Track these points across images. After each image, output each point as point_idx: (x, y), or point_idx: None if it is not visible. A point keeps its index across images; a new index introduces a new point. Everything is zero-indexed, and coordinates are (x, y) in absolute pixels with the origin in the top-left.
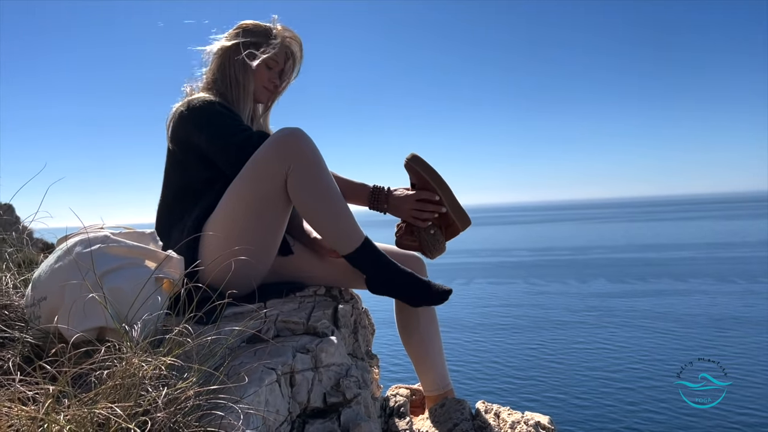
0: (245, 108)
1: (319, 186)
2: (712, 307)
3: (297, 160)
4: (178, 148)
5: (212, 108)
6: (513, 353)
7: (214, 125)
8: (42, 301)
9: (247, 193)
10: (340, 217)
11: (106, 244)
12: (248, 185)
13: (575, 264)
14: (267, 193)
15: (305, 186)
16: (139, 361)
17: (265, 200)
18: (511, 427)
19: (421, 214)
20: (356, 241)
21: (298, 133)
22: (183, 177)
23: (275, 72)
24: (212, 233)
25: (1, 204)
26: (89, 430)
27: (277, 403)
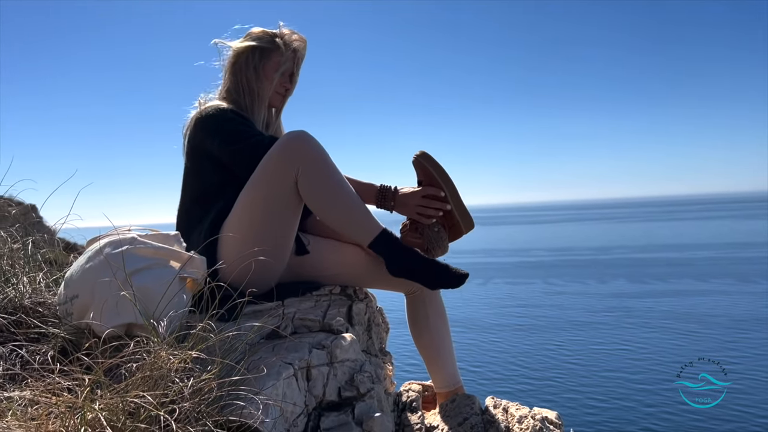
0: (259, 114)
1: (330, 183)
2: (734, 308)
3: (305, 162)
4: (194, 154)
5: (224, 115)
6: (531, 354)
7: (226, 131)
8: (74, 299)
9: (259, 196)
10: (353, 210)
11: (133, 246)
12: (259, 188)
13: (595, 264)
14: (277, 195)
15: (316, 185)
16: (166, 354)
17: (276, 202)
18: (518, 422)
19: (426, 210)
20: (375, 230)
21: (304, 136)
22: (199, 182)
23: (286, 76)
24: (230, 235)
25: (25, 204)
26: (121, 417)
27: (294, 396)
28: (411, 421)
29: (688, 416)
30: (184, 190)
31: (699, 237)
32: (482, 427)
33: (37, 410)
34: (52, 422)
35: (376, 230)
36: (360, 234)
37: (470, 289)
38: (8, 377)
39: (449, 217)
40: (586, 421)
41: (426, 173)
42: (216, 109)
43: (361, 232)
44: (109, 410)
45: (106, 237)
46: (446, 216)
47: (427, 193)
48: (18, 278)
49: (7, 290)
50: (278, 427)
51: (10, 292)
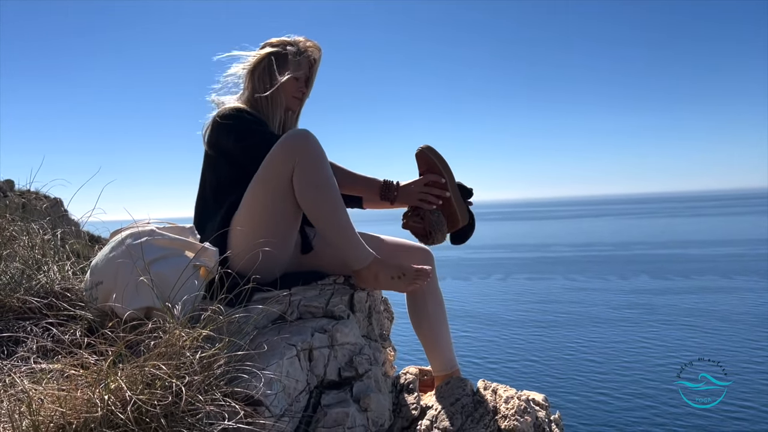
0: (275, 117)
1: (319, 178)
2: (760, 306)
3: (301, 157)
4: (211, 151)
5: (240, 115)
6: (550, 350)
7: (240, 129)
8: (99, 285)
9: (261, 190)
10: (344, 229)
11: (152, 237)
12: (262, 183)
13: (616, 260)
14: (277, 188)
15: (306, 179)
16: (179, 332)
17: (276, 196)
18: (505, 402)
19: (428, 196)
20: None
21: (304, 134)
22: (215, 177)
23: (302, 81)
24: (239, 228)
25: (52, 199)
26: (139, 386)
27: (297, 374)
28: (407, 402)
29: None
30: (201, 184)
31: (723, 233)
32: (472, 407)
33: (68, 381)
34: (81, 391)
35: (367, 259)
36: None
37: (490, 285)
38: (42, 352)
39: (448, 206)
40: (606, 421)
41: (429, 162)
42: (233, 109)
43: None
44: (130, 381)
45: (127, 229)
46: (445, 205)
47: (429, 180)
48: (48, 266)
49: (39, 277)
50: (281, 401)
51: (42, 278)
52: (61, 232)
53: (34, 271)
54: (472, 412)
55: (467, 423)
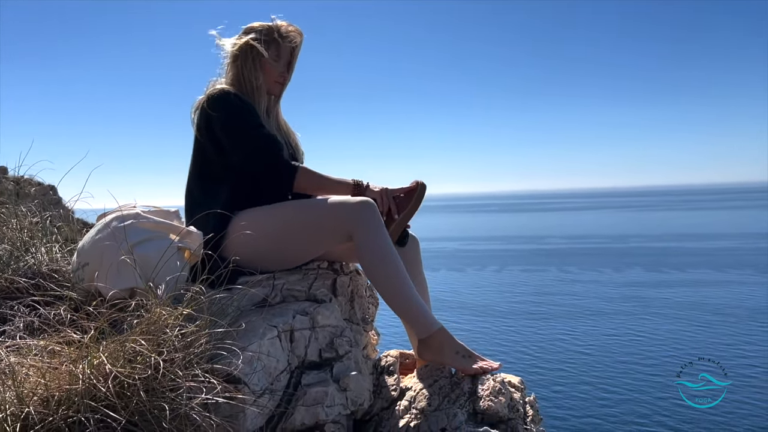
0: (261, 102)
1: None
2: (752, 300)
3: (365, 225)
4: (200, 134)
5: (228, 98)
6: (543, 342)
7: (230, 115)
8: (85, 266)
9: (312, 217)
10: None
11: (137, 220)
12: (318, 213)
13: (611, 252)
14: (315, 232)
15: (371, 247)
16: (161, 310)
17: (309, 235)
18: (481, 384)
19: (384, 201)
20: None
21: (369, 203)
22: (204, 161)
23: (283, 66)
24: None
25: (44, 185)
26: (121, 361)
27: (278, 354)
28: (387, 383)
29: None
30: (191, 168)
31: (720, 227)
32: (449, 388)
33: (52, 356)
34: (65, 366)
35: (433, 327)
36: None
37: (485, 276)
38: (29, 330)
39: (389, 223)
40: (599, 414)
41: (415, 193)
42: (221, 91)
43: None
44: (112, 356)
45: (113, 212)
46: (389, 221)
47: (398, 195)
48: (36, 248)
49: (27, 258)
50: (261, 379)
51: (30, 259)
52: (49, 215)
53: (22, 253)
54: (449, 393)
55: (444, 403)
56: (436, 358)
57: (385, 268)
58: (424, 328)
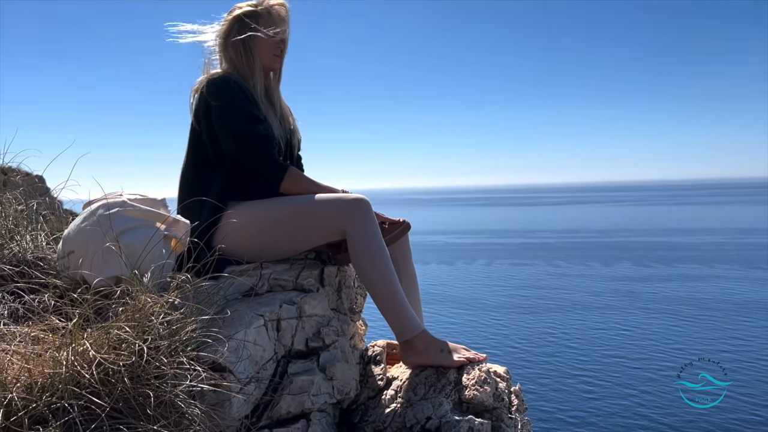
0: (258, 80)
1: (374, 246)
2: (737, 294)
3: (358, 223)
4: (196, 121)
5: (227, 86)
6: (529, 334)
7: (228, 105)
8: (70, 254)
9: (307, 213)
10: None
11: (123, 208)
12: (313, 209)
13: (600, 247)
14: (307, 229)
15: (362, 245)
16: (146, 297)
17: (316, 226)
18: (466, 373)
19: None
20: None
21: (364, 201)
22: (199, 148)
23: (276, 39)
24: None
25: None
26: (105, 347)
27: (264, 343)
28: (374, 373)
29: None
30: (186, 155)
31: (707, 222)
32: (435, 377)
33: (36, 343)
34: (50, 353)
35: (417, 329)
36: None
37: (475, 270)
38: (13, 318)
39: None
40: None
41: (394, 226)
42: (221, 77)
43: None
44: (96, 343)
45: (99, 200)
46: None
47: (382, 221)
48: (21, 236)
49: (12, 246)
50: (247, 367)
51: (14, 247)
52: (35, 203)
53: (7, 241)
54: (435, 383)
55: (430, 393)
56: (422, 360)
57: (375, 268)
58: (408, 330)
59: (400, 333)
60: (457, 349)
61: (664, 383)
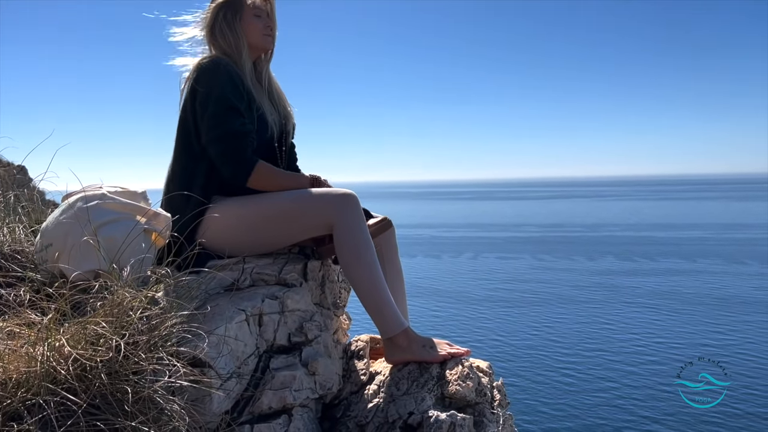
0: (247, 63)
1: (360, 242)
2: (720, 289)
3: (345, 218)
4: (184, 109)
5: (217, 72)
6: (516, 329)
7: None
8: (48, 247)
9: (294, 209)
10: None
11: (103, 201)
12: (300, 204)
13: (584, 241)
14: (309, 219)
15: (349, 240)
16: (124, 292)
17: (303, 222)
18: (449, 368)
19: None
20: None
21: (352, 196)
22: (185, 140)
23: (265, 17)
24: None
25: (14, 165)
26: (82, 343)
27: (245, 338)
28: (357, 367)
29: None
30: (175, 142)
31: (690, 217)
32: (418, 372)
33: (12, 339)
34: (25, 348)
35: (400, 326)
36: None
37: (461, 263)
38: None
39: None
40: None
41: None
42: (211, 62)
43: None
44: (73, 338)
45: (79, 192)
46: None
47: None
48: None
49: None
50: (228, 363)
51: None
52: (13, 194)
53: None
54: (418, 378)
55: (412, 388)
56: (405, 356)
57: (361, 264)
58: (392, 327)
59: (384, 330)
60: (440, 345)
61: (645, 376)
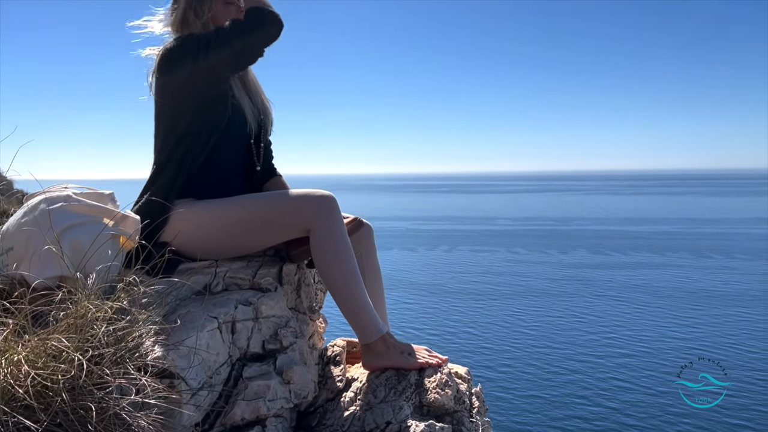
0: None
1: (339, 245)
2: (687, 282)
3: (324, 221)
4: (156, 97)
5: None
6: (489, 321)
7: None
8: (9, 251)
9: (271, 211)
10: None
11: (68, 203)
12: (277, 207)
13: (557, 234)
14: (286, 222)
15: (327, 244)
16: (89, 303)
17: (280, 224)
18: (427, 376)
19: None
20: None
21: (331, 198)
22: (156, 136)
23: (236, 4)
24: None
25: None
26: (42, 359)
27: (218, 346)
28: (333, 374)
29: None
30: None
31: (660, 212)
32: (396, 380)
33: None
34: None
35: (379, 332)
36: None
37: (436, 255)
38: None
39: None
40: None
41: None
42: (175, 41)
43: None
44: (34, 353)
45: (42, 193)
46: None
47: None
48: None
49: None
50: (199, 373)
51: None
52: None
53: None
54: (395, 385)
55: (390, 395)
56: (383, 363)
57: (339, 268)
58: (370, 333)
59: (362, 336)
60: (419, 351)
61: (616, 369)
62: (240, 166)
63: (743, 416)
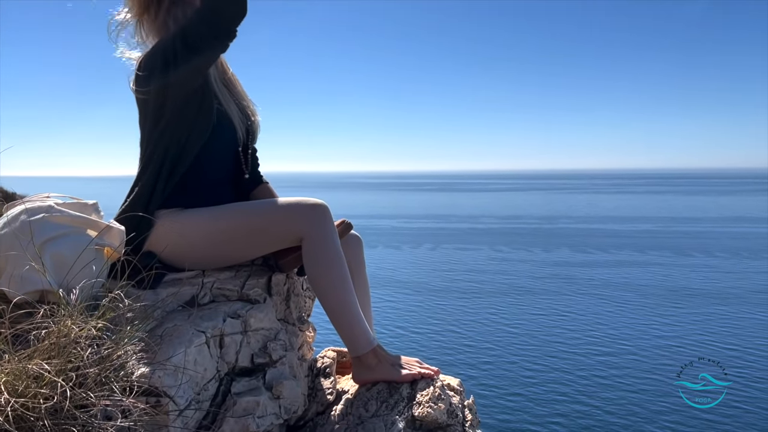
0: None
1: (331, 255)
2: (668, 280)
3: (316, 230)
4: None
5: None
6: (473, 320)
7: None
8: None
9: (261, 220)
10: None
11: (50, 213)
12: (268, 216)
13: (541, 233)
14: (277, 231)
15: (319, 254)
16: (72, 323)
17: (270, 234)
18: (420, 389)
19: None
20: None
21: (324, 207)
22: (141, 145)
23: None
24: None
25: None
26: (25, 381)
27: (206, 362)
28: (323, 386)
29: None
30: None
31: (642, 210)
32: (387, 393)
33: None
34: None
35: (370, 345)
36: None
37: (420, 254)
38: None
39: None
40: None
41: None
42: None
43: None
44: (14, 375)
45: (23, 203)
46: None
47: None
48: None
49: None
50: (186, 391)
51: None
52: None
53: None
54: (387, 399)
55: (381, 409)
56: (374, 376)
57: (332, 278)
58: (362, 345)
59: (353, 348)
60: (409, 363)
61: (598, 367)
62: (227, 174)
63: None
